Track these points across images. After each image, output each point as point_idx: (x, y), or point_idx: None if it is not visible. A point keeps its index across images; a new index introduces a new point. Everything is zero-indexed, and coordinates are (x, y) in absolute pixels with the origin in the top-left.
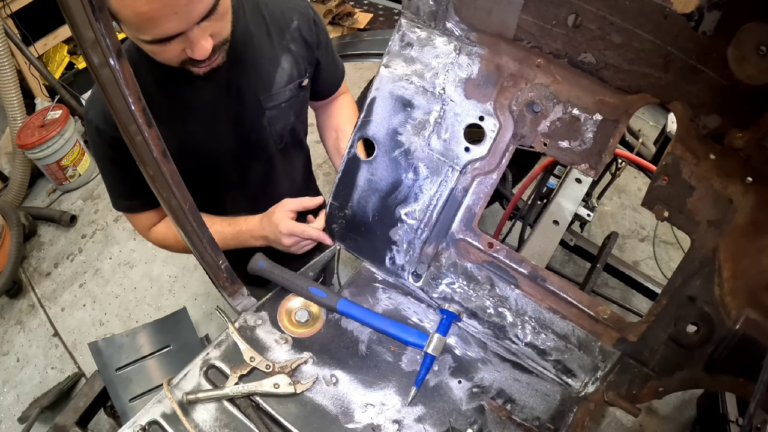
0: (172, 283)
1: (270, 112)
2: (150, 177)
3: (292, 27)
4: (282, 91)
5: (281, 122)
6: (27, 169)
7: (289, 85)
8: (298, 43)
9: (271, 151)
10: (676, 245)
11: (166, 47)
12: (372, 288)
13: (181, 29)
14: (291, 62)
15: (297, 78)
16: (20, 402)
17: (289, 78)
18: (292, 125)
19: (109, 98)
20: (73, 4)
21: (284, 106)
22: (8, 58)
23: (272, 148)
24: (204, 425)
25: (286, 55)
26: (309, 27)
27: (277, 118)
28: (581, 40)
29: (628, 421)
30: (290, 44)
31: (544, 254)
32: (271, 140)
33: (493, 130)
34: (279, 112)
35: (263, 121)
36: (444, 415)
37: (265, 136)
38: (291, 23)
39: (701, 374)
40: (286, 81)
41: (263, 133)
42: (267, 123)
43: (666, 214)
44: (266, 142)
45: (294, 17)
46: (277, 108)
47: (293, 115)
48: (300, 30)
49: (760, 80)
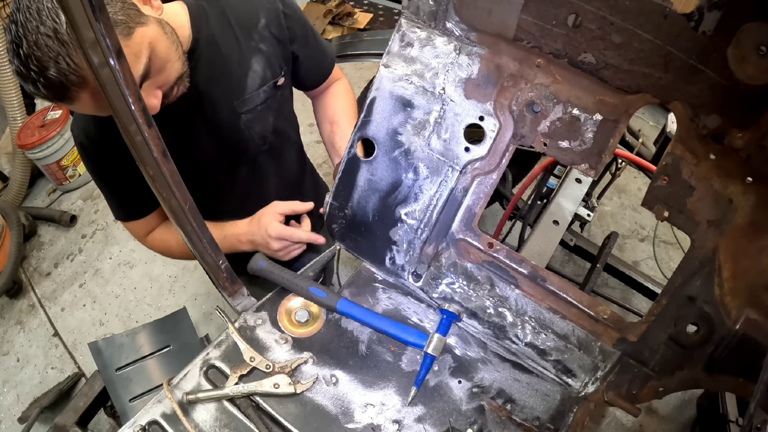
0: (172, 283)
1: (245, 116)
2: (150, 177)
3: (260, 26)
4: (256, 94)
5: (259, 124)
6: (27, 169)
7: (262, 87)
8: (268, 42)
9: (254, 153)
10: (676, 245)
11: None
12: (372, 288)
13: None
14: (263, 63)
15: (271, 78)
16: (20, 402)
17: (261, 80)
18: (273, 126)
19: (109, 98)
20: (73, 4)
21: (260, 108)
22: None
23: (254, 150)
24: (204, 425)
25: (257, 56)
26: (278, 23)
27: (254, 121)
28: (581, 40)
29: (628, 421)
30: (260, 44)
31: (544, 254)
32: (251, 143)
33: (493, 130)
34: (255, 114)
35: (240, 125)
36: (444, 415)
37: (244, 139)
38: (258, 23)
39: (701, 374)
40: (259, 83)
41: (242, 137)
42: (244, 127)
43: (666, 214)
44: (246, 145)
45: (261, 16)
46: (253, 111)
47: (272, 116)
48: (269, 28)
49: (760, 80)
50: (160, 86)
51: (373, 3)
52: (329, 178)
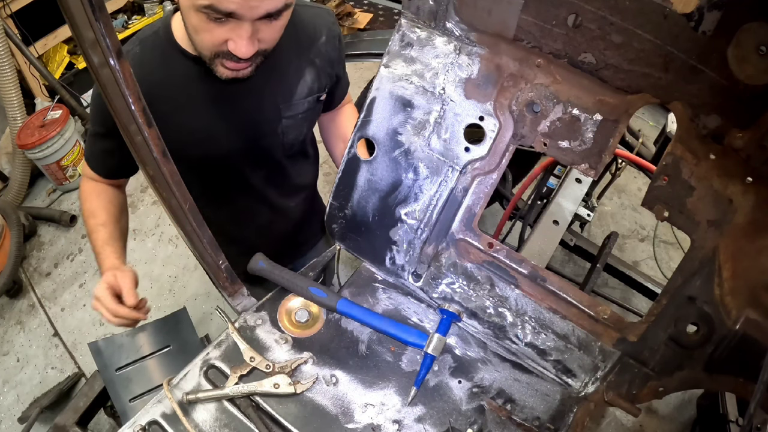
0: (172, 283)
1: (286, 121)
2: (150, 177)
3: (320, 42)
4: (301, 102)
5: (294, 132)
6: (27, 169)
7: (308, 98)
8: (322, 58)
9: (277, 158)
10: (676, 245)
11: (214, 27)
12: (372, 288)
13: (240, 12)
14: (314, 76)
15: (317, 92)
16: (20, 402)
17: (309, 91)
18: (304, 136)
19: (109, 98)
20: (73, 4)
21: (300, 117)
22: (8, 58)
23: (279, 155)
24: (204, 425)
25: (310, 68)
26: (334, 45)
27: (292, 128)
28: (581, 40)
29: (628, 421)
30: (315, 58)
31: (544, 254)
32: (280, 148)
33: (493, 130)
34: (294, 122)
35: (278, 129)
36: (444, 415)
37: (275, 143)
38: (320, 38)
39: (701, 374)
40: (306, 93)
41: (274, 141)
42: (281, 131)
43: (666, 214)
44: (274, 149)
45: (323, 32)
46: (294, 118)
47: (306, 128)
48: (326, 46)
49: (760, 80)
50: (261, 39)
51: (373, 3)
52: (329, 178)
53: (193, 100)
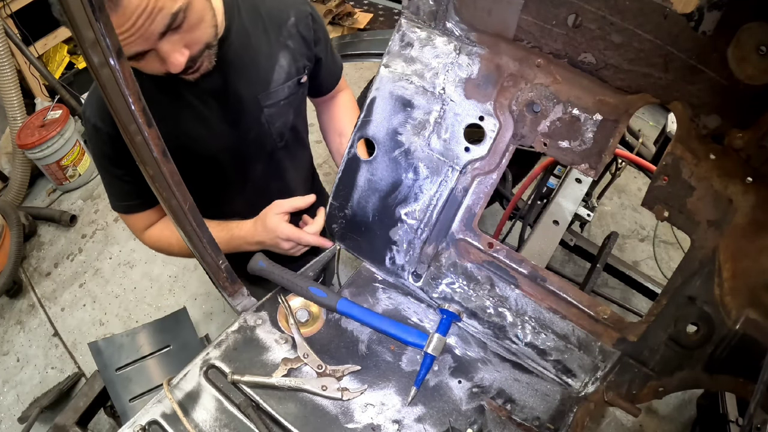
0: (172, 283)
1: (268, 110)
2: (150, 177)
3: (289, 23)
4: (280, 88)
5: (280, 120)
6: (27, 169)
7: (287, 83)
8: (295, 39)
9: (271, 148)
10: (676, 245)
11: (143, 64)
12: (372, 288)
13: (143, 47)
14: (289, 59)
15: (295, 75)
16: (20, 402)
17: (287, 75)
18: (292, 123)
19: (109, 98)
20: (73, 4)
21: (283, 103)
22: (8, 58)
23: (272, 145)
24: (204, 425)
25: (284, 52)
26: (306, 23)
27: (276, 116)
28: (581, 40)
29: (628, 421)
30: (288, 41)
31: (544, 254)
32: (270, 138)
33: (493, 130)
34: (277, 109)
35: (261, 119)
36: (444, 415)
37: (264, 133)
38: (288, 20)
39: (701, 374)
40: (284, 78)
41: (262, 131)
42: (265, 121)
43: (666, 214)
44: (265, 140)
45: (291, 14)
46: (276, 106)
47: (292, 113)
48: (297, 26)
49: (760, 80)
50: (188, 45)
51: (373, 3)
52: (329, 178)
53: (169, 108)
